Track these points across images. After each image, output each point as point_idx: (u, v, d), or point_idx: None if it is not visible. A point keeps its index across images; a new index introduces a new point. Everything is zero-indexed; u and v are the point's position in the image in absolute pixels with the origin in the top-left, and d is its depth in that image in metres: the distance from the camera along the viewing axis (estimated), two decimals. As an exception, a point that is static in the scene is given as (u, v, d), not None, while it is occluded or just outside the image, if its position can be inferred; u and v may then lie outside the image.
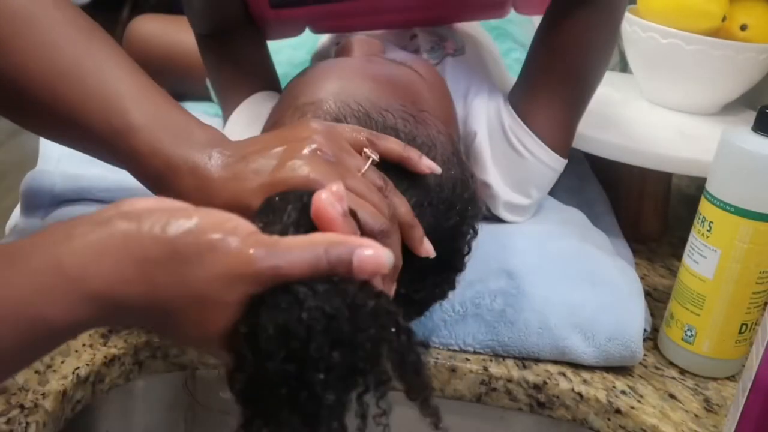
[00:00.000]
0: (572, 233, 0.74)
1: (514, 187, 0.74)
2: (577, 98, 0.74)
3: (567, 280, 0.67)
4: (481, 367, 0.65)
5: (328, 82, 0.59)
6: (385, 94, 0.58)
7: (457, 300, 0.65)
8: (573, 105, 0.74)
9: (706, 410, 0.62)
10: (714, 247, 0.62)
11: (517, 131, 0.73)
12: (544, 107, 0.73)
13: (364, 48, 0.66)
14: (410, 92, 0.60)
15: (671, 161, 0.80)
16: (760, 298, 0.63)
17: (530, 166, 0.73)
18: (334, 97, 0.57)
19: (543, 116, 0.73)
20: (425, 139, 0.56)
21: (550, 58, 0.73)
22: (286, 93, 0.63)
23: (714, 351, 0.65)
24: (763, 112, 0.60)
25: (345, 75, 0.60)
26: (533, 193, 0.75)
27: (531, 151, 0.73)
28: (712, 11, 0.86)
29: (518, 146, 0.73)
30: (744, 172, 0.60)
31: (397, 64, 0.64)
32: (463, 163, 0.59)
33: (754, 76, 0.88)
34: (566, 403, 0.64)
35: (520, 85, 0.76)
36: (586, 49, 0.72)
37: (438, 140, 0.58)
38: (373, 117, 0.56)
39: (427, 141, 0.56)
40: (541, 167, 0.74)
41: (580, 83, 0.74)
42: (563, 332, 0.65)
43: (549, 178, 0.76)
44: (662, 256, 0.86)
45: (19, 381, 0.56)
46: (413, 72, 0.64)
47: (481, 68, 0.81)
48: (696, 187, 1.03)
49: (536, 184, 0.75)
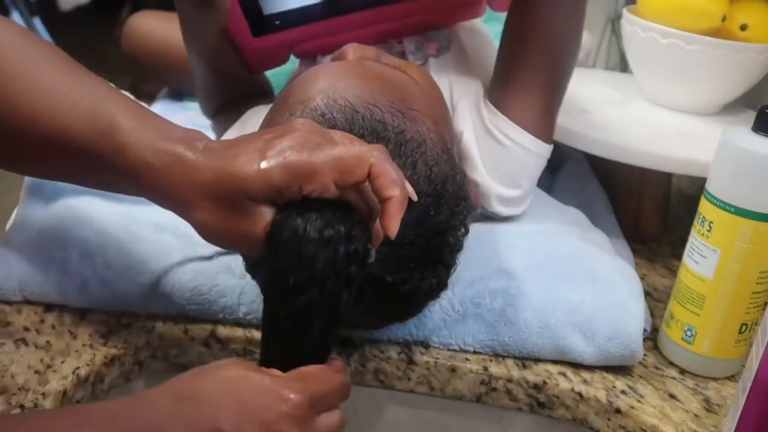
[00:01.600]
0: (572, 233, 0.74)
1: (503, 180, 0.74)
2: (551, 83, 0.75)
3: (567, 280, 0.67)
4: (481, 367, 0.65)
5: (317, 82, 0.60)
6: (373, 90, 0.58)
7: (457, 300, 0.66)
8: (548, 90, 0.75)
9: (706, 410, 0.62)
10: (714, 247, 0.62)
11: (496, 122, 0.73)
12: (521, 95, 0.74)
13: (358, 54, 0.66)
14: (400, 91, 0.60)
15: (671, 161, 0.80)
16: (760, 298, 0.63)
17: (514, 155, 0.73)
18: (321, 95, 0.57)
19: (520, 104, 0.74)
20: (414, 135, 0.57)
21: (521, 46, 0.74)
22: (279, 95, 0.63)
23: (714, 351, 0.65)
24: (763, 112, 0.60)
25: (334, 75, 0.61)
26: (523, 183, 0.75)
27: (512, 139, 0.73)
28: (712, 11, 0.86)
29: (499, 136, 0.73)
30: (744, 172, 0.60)
31: (390, 68, 0.64)
32: (453, 162, 0.60)
33: (754, 76, 0.88)
34: (566, 403, 0.64)
35: (495, 78, 0.76)
36: (555, 34, 0.73)
37: (427, 137, 0.58)
38: (360, 111, 0.56)
39: (417, 137, 0.57)
40: (525, 155, 0.74)
41: (553, 68, 0.74)
42: (563, 332, 0.65)
43: (536, 165, 0.76)
44: (662, 256, 0.86)
45: (19, 381, 0.56)
46: (405, 75, 0.64)
47: (465, 66, 0.81)
48: (696, 187, 1.03)
49: (524, 173, 0.75)
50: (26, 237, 0.67)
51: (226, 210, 0.46)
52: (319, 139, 0.46)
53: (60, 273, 0.65)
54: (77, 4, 2.89)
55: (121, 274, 0.65)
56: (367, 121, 0.55)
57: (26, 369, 0.58)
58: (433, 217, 0.56)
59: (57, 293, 0.65)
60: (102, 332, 0.63)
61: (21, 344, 0.61)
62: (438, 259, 0.58)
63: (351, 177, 0.45)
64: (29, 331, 0.63)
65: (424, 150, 0.56)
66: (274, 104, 0.63)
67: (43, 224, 0.67)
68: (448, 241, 0.58)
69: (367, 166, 0.45)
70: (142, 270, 0.65)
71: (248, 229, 0.46)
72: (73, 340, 0.62)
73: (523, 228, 0.75)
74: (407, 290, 0.56)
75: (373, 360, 0.65)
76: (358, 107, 0.56)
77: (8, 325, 0.63)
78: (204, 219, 0.46)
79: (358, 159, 0.45)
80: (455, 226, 0.58)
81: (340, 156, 0.45)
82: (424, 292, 0.59)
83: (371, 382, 0.66)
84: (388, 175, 0.45)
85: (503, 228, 0.74)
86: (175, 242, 0.67)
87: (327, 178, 0.45)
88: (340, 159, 0.45)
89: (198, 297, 0.65)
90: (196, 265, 0.66)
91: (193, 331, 0.65)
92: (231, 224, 0.46)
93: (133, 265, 0.65)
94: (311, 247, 0.44)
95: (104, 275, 0.65)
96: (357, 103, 0.57)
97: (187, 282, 0.65)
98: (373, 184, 0.45)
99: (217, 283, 0.65)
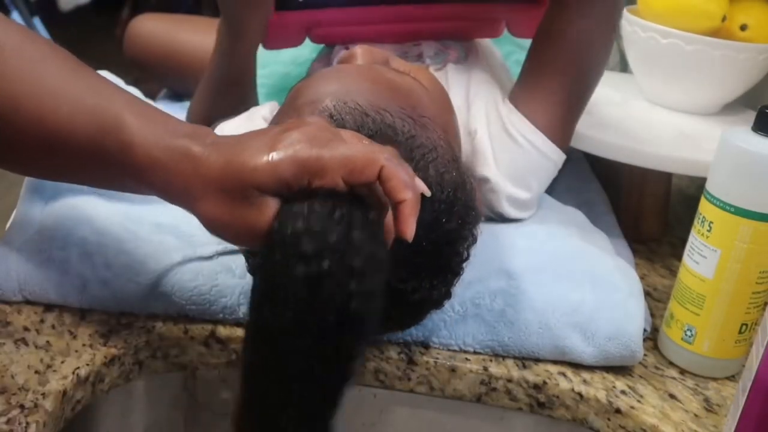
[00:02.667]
0: (572, 233, 0.74)
1: (515, 180, 0.74)
2: (576, 95, 0.75)
3: (567, 280, 0.67)
4: (481, 367, 0.65)
5: (327, 84, 0.60)
6: (384, 95, 0.58)
7: (457, 300, 0.65)
8: (572, 101, 0.75)
9: (706, 410, 0.62)
10: (714, 247, 0.62)
11: (514, 120, 0.74)
12: (542, 99, 0.74)
13: (367, 56, 0.66)
14: (411, 98, 0.60)
15: (671, 161, 0.80)
16: (760, 298, 0.63)
17: (528, 154, 0.74)
18: (331, 97, 0.57)
19: (541, 109, 0.74)
20: (425, 141, 0.56)
21: (549, 53, 0.74)
22: (288, 97, 0.63)
23: (714, 351, 0.65)
24: (763, 112, 0.60)
25: (344, 78, 0.60)
26: (533, 185, 0.75)
27: (528, 139, 0.74)
28: (712, 11, 0.86)
29: (515, 134, 0.74)
30: (744, 172, 0.60)
31: (399, 73, 0.64)
32: (463, 171, 0.59)
33: (754, 76, 0.88)
34: (566, 403, 0.64)
35: (520, 81, 0.77)
36: (585, 46, 0.73)
37: (438, 144, 0.57)
38: (370, 114, 0.56)
39: (427, 143, 0.56)
40: (538, 156, 0.74)
41: (580, 81, 0.75)
42: (563, 332, 0.65)
43: (548, 171, 0.76)
44: (662, 256, 0.86)
45: (19, 381, 0.56)
46: (415, 81, 0.64)
47: (483, 75, 0.81)
48: (696, 187, 1.03)
49: (536, 175, 0.75)
50: (26, 237, 0.66)
51: (233, 201, 0.45)
52: (330, 135, 0.46)
53: (60, 273, 0.65)
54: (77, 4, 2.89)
55: (120, 274, 0.65)
56: (377, 125, 0.55)
57: (26, 369, 0.58)
58: (445, 225, 0.55)
59: (57, 293, 0.65)
60: (102, 332, 0.63)
61: (21, 344, 0.61)
62: (448, 269, 0.58)
63: (361, 176, 0.44)
64: (29, 331, 0.62)
65: (435, 156, 0.56)
66: (283, 106, 0.62)
67: (43, 224, 0.67)
68: (458, 251, 0.57)
69: (377, 167, 0.44)
70: (142, 270, 0.65)
71: (254, 220, 0.45)
72: (73, 340, 0.62)
73: (523, 228, 0.75)
74: (417, 299, 0.56)
75: (373, 360, 0.65)
76: (368, 110, 0.56)
77: (8, 325, 0.63)
78: (210, 210, 0.46)
79: (369, 159, 0.44)
80: (464, 236, 0.57)
81: (350, 155, 0.44)
82: (432, 301, 0.59)
83: (371, 382, 0.66)
84: (399, 178, 0.44)
85: (503, 228, 0.74)
86: (175, 242, 0.67)
87: (336, 175, 0.44)
88: (351, 158, 0.44)
89: (198, 297, 0.65)
90: (196, 265, 0.66)
91: (193, 331, 0.65)
92: (237, 215, 0.46)
93: (133, 265, 0.65)
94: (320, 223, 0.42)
95: (104, 275, 0.65)
96: (367, 106, 0.56)
97: (187, 282, 0.65)
98: (385, 186, 0.45)
99: (217, 283, 0.65)
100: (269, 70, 0.91)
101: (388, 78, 0.62)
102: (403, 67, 0.67)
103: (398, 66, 0.67)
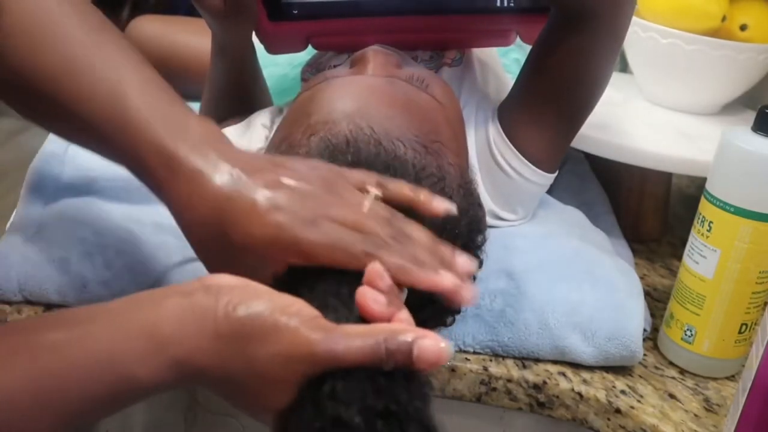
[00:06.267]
0: (572, 233, 0.74)
1: (501, 203, 0.73)
2: (569, 117, 0.72)
3: (567, 280, 0.67)
4: (481, 367, 0.65)
5: (344, 102, 0.59)
6: (400, 122, 0.58)
7: (457, 300, 0.65)
8: (564, 124, 0.72)
9: (706, 410, 0.62)
10: (714, 247, 0.62)
11: (503, 149, 0.71)
12: (533, 123, 0.71)
13: (380, 61, 0.65)
14: (426, 121, 0.60)
15: (671, 161, 0.80)
16: (760, 298, 0.63)
17: (515, 183, 0.72)
18: (347, 119, 0.56)
19: (531, 132, 0.71)
20: (434, 170, 0.56)
21: (543, 77, 0.70)
22: (298, 108, 0.62)
23: (714, 351, 0.65)
24: (763, 112, 0.60)
25: (362, 96, 0.59)
26: (518, 210, 0.74)
27: (517, 170, 0.71)
28: (712, 11, 0.86)
29: (504, 165, 0.71)
30: (744, 172, 0.60)
31: (416, 90, 0.63)
32: (470, 194, 0.59)
33: (754, 76, 0.88)
34: (566, 402, 0.64)
35: (511, 98, 0.74)
36: (581, 72, 0.69)
37: (448, 171, 0.57)
38: (385, 145, 0.55)
39: (437, 173, 0.56)
40: (527, 185, 0.73)
41: (573, 104, 0.71)
42: (563, 332, 0.65)
43: (535, 194, 0.75)
44: (662, 256, 0.86)
45: (19, 381, 0.56)
46: (432, 99, 0.63)
47: (476, 80, 0.80)
48: (696, 187, 1.03)
49: (522, 201, 0.74)
50: (26, 237, 0.67)
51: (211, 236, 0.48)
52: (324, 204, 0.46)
53: (60, 273, 0.65)
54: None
55: (120, 274, 0.65)
56: (389, 157, 0.54)
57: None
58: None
59: (57, 293, 0.65)
60: (102, 332, 0.63)
61: (21, 344, 0.61)
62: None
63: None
64: (29, 331, 0.62)
65: (443, 186, 0.56)
66: (292, 117, 0.62)
67: (43, 224, 0.67)
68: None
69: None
70: (142, 270, 0.65)
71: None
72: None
73: (523, 228, 0.75)
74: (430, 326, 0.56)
75: (373, 360, 0.65)
76: (383, 139, 0.55)
77: (8, 325, 0.63)
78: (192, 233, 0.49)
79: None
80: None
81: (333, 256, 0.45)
82: (445, 324, 0.60)
83: (371, 382, 0.66)
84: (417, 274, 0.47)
85: (503, 228, 0.74)
86: (175, 242, 0.67)
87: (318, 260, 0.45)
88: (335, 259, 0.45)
89: (198, 297, 0.65)
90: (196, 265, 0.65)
91: (193, 331, 0.65)
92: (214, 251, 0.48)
93: (133, 265, 0.65)
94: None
95: (104, 275, 0.65)
96: (382, 134, 0.55)
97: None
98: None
99: (217, 283, 0.65)
100: (267, 71, 0.90)
101: (405, 99, 0.60)
102: (418, 73, 0.65)
103: (413, 71, 0.65)
